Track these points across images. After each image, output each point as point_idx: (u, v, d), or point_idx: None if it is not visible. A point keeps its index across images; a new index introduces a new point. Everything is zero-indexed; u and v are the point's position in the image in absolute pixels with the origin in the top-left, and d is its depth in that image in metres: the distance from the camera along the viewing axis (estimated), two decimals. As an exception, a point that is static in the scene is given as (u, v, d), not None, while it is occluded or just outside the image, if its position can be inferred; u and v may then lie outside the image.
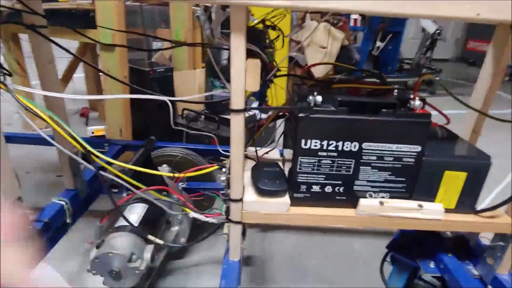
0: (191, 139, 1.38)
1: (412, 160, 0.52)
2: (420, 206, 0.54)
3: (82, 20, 1.10)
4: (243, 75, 0.44)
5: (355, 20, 2.54)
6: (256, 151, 0.62)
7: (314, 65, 0.61)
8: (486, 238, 0.64)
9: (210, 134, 1.15)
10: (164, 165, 0.86)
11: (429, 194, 0.55)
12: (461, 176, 0.53)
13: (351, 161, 0.52)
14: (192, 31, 1.73)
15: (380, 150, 0.51)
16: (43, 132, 0.52)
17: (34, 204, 0.65)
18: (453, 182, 0.53)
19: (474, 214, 0.56)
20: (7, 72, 0.52)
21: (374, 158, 0.52)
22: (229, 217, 0.55)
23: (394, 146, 0.51)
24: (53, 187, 1.18)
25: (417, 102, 0.50)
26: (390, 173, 0.53)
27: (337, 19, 2.42)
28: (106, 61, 1.18)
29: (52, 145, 0.61)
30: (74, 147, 0.59)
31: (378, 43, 2.74)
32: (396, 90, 0.55)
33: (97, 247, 0.59)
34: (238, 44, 0.42)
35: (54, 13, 1.10)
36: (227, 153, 0.51)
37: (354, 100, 0.49)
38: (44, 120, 0.52)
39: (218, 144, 0.69)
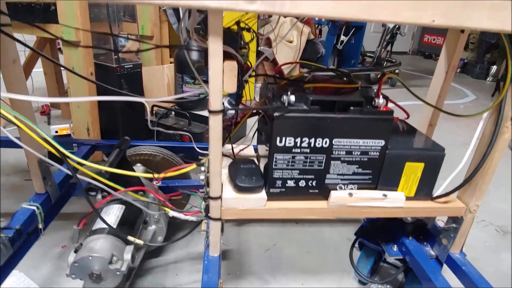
0: (161, 137, 1.37)
1: (377, 153, 0.57)
2: (385, 195, 0.59)
3: (43, 14, 1.05)
4: (221, 77, 0.46)
5: (320, 15, 2.60)
6: (232, 148, 0.64)
7: (285, 64, 0.64)
8: (441, 221, 0.71)
9: (186, 134, 1.15)
10: (139, 164, 0.86)
11: (392, 184, 0.60)
12: (420, 166, 0.58)
13: (323, 156, 0.56)
14: (159, 26, 1.69)
15: (349, 146, 0.55)
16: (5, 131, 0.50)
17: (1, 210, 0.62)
18: (412, 172, 0.59)
19: (431, 201, 0.62)
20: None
21: (343, 153, 0.56)
22: (209, 215, 0.57)
23: (361, 141, 0.55)
24: (18, 191, 1.12)
25: (381, 100, 0.54)
26: (357, 166, 0.57)
27: (303, 13, 2.46)
28: (70, 58, 1.13)
29: (18, 147, 0.59)
30: (43, 148, 0.58)
31: (342, 37, 2.83)
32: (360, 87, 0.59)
33: (75, 251, 0.59)
34: (215, 47, 0.43)
35: (13, 7, 1.03)
36: (203, 152, 0.53)
37: (325, 100, 0.52)
38: (11, 121, 0.51)
39: (193, 142, 0.70)
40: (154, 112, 1.44)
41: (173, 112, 1.44)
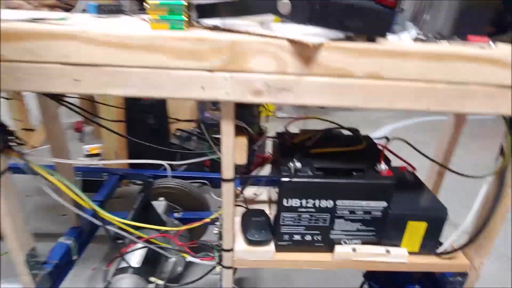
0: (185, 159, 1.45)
1: (380, 213, 0.60)
2: (388, 251, 0.62)
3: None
4: (232, 152, 0.51)
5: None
6: (245, 200, 0.70)
7: (297, 119, 0.68)
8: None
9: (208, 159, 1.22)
10: (161, 198, 0.93)
11: (395, 240, 0.63)
12: (422, 225, 0.61)
13: (327, 215, 0.60)
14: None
15: (352, 206, 0.59)
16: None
17: (35, 229, 0.69)
18: (415, 229, 0.62)
19: (435, 256, 0.65)
20: (21, 142, 0.57)
21: (347, 212, 0.60)
22: (222, 263, 0.62)
23: (363, 203, 0.59)
24: (52, 211, 1.23)
25: (383, 166, 0.57)
26: (361, 224, 0.61)
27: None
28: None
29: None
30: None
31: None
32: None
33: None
34: (227, 128, 0.49)
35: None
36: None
37: (328, 167, 0.56)
38: (55, 184, 0.58)
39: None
40: (177, 135, 1.52)
41: (195, 136, 1.52)
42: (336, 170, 0.56)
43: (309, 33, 0.42)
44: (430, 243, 0.63)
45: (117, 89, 0.44)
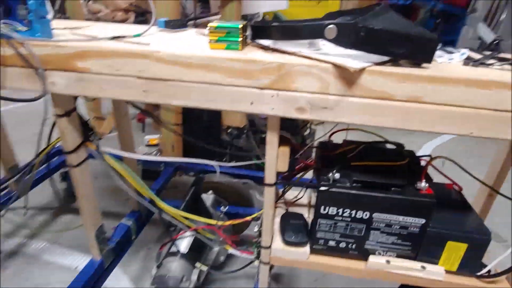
0: (234, 156, 1.53)
1: (417, 229, 0.60)
2: (423, 267, 0.62)
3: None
4: (275, 160, 0.56)
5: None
6: (285, 202, 0.74)
7: (339, 130, 0.71)
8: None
9: (253, 157, 1.28)
10: (210, 192, 1.01)
11: (433, 257, 0.63)
12: (462, 246, 0.60)
13: (363, 226, 0.62)
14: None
15: (388, 220, 0.60)
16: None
17: (101, 209, 0.80)
18: (455, 249, 0.61)
19: (475, 278, 0.63)
20: (99, 136, 0.68)
21: (383, 225, 0.61)
22: (260, 258, 0.68)
23: (400, 218, 0.60)
24: (116, 194, 1.39)
25: (423, 184, 0.58)
26: (397, 237, 0.62)
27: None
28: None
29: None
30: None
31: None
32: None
33: (158, 267, 0.76)
34: (271, 138, 0.54)
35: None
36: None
37: (366, 180, 0.58)
38: (121, 174, 0.68)
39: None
40: (228, 132, 1.60)
41: (245, 134, 1.59)
42: (374, 183, 0.58)
43: (354, 55, 0.45)
44: (470, 264, 0.62)
45: (180, 101, 0.51)
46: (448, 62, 0.50)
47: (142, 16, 1.66)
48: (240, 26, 0.49)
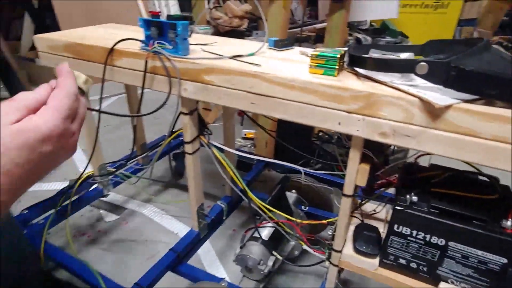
0: (321, 158, 1.58)
1: (497, 267, 0.59)
2: (499, 307, 0.60)
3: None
4: (355, 174, 0.62)
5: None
6: (361, 213, 0.79)
7: (424, 154, 0.72)
8: None
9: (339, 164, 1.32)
10: (293, 191, 1.11)
11: (513, 299, 0.60)
12: (550, 296, 0.57)
13: (437, 251, 0.63)
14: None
15: (465, 251, 0.60)
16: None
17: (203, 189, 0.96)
18: (540, 298, 0.58)
19: (562, 333, 0.58)
20: (210, 132, 0.84)
21: (459, 255, 0.61)
22: (330, 260, 0.75)
23: (479, 252, 0.59)
24: (214, 178, 1.59)
25: (509, 223, 0.56)
26: (473, 270, 0.61)
27: None
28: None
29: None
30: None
31: None
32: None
33: (241, 248, 0.89)
34: (354, 157, 0.60)
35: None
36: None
37: (445, 208, 0.60)
38: (222, 164, 0.82)
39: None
40: (319, 135, 1.67)
41: (335, 138, 1.63)
42: (452, 213, 0.59)
43: (443, 90, 0.48)
44: (559, 318, 0.58)
45: (279, 114, 0.61)
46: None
47: (255, 22, 1.84)
48: (338, 56, 0.56)
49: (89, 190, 1.12)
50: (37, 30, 3.13)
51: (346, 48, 0.62)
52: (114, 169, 1.11)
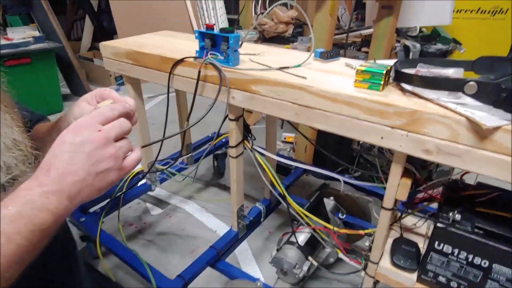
0: (361, 167, 1.57)
1: (546, 295, 0.57)
2: (546, 337, 0.58)
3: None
4: (396, 188, 0.62)
5: None
6: (401, 227, 0.78)
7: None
8: None
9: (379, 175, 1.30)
10: (331, 198, 1.11)
11: None
12: None
13: (480, 273, 0.61)
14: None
15: (510, 274, 0.58)
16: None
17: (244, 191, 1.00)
18: None
19: None
20: (253, 137, 0.88)
21: (503, 279, 0.59)
22: (366, 270, 0.75)
23: (526, 277, 0.57)
24: (254, 180, 1.63)
25: (561, 250, 0.54)
26: (519, 296, 0.59)
27: None
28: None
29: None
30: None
31: None
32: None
33: (277, 250, 0.92)
34: (395, 171, 0.60)
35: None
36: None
37: (490, 229, 0.58)
38: (263, 167, 0.86)
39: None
40: (360, 144, 1.64)
41: (376, 147, 1.60)
42: (498, 235, 0.57)
43: (492, 110, 0.47)
44: None
45: (321, 125, 0.63)
46: None
47: (300, 28, 1.85)
48: (384, 72, 0.57)
49: (138, 185, 1.21)
50: (96, 32, 3.40)
51: (392, 63, 0.62)
52: (162, 167, 1.19)
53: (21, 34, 2.13)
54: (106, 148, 0.39)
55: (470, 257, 0.61)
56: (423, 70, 0.61)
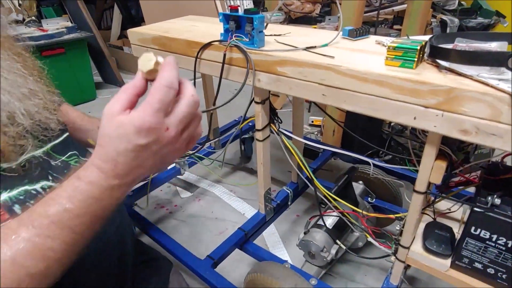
0: (392, 150, 1.51)
1: None
2: None
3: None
4: (429, 170, 0.59)
5: None
6: (434, 211, 0.75)
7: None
8: None
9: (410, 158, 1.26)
10: (360, 182, 1.09)
11: None
12: None
13: (520, 259, 0.58)
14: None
15: (556, 263, 0.55)
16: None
17: (270, 174, 1.00)
18: None
19: None
20: (280, 120, 0.87)
21: (547, 266, 0.56)
22: (396, 255, 0.73)
23: None
24: (281, 164, 1.63)
25: None
26: None
27: None
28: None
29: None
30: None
31: None
32: None
33: (305, 233, 0.92)
34: (429, 153, 0.58)
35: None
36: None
37: (534, 214, 0.54)
38: (290, 151, 0.85)
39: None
40: (391, 125, 1.58)
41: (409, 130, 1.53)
42: (544, 220, 0.54)
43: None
44: None
45: (350, 106, 0.61)
46: None
47: (328, 7, 1.79)
48: (418, 48, 0.54)
49: (168, 168, 1.24)
50: (124, 20, 3.47)
51: (427, 38, 0.59)
52: (190, 151, 1.21)
53: (55, 25, 2.21)
54: (174, 144, 0.38)
55: (510, 243, 0.58)
56: (462, 44, 0.57)
